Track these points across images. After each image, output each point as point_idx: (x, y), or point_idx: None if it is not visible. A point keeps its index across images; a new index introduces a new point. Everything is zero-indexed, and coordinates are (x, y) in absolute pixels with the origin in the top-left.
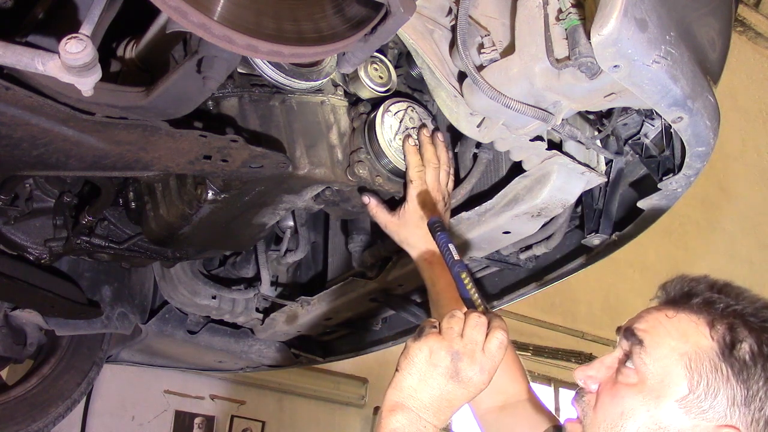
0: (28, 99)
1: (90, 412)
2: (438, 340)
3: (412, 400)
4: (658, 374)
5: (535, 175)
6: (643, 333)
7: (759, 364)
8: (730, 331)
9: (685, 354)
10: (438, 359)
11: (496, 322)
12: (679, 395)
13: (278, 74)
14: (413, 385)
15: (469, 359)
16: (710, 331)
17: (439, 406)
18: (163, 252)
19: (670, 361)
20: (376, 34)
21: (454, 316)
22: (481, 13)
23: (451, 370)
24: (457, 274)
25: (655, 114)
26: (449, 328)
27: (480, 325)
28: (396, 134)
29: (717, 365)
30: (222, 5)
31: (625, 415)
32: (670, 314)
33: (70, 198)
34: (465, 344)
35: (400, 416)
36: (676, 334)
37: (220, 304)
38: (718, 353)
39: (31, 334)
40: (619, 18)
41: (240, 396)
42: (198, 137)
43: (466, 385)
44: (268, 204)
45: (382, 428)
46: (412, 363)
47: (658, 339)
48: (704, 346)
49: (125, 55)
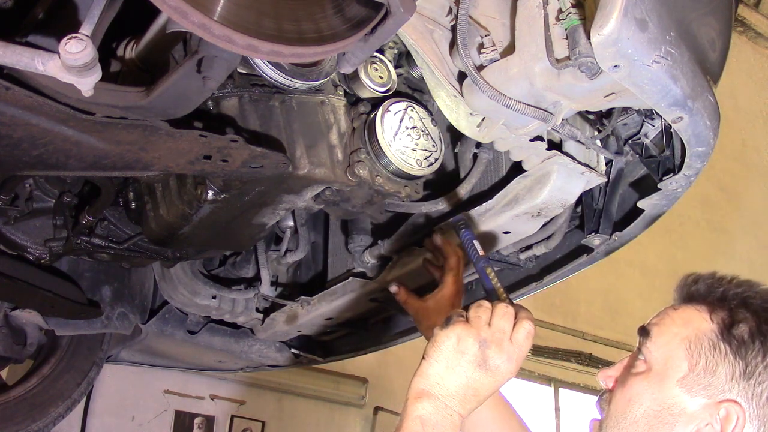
0: (28, 99)
1: (90, 412)
2: (466, 328)
3: (439, 388)
4: (662, 359)
5: (535, 175)
6: (652, 326)
7: (758, 340)
8: (729, 313)
9: (686, 338)
10: (466, 346)
11: (524, 313)
12: (680, 375)
13: (278, 74)
14: (440, 372)
15: (497, 347)
16: (711, 315)
17: (465, 394)
18: (163, 252)
19: (673, 346)
20: (376, 34)
21: (481, 305)
22: (481, 13)
23: (478, 358)
24: (482, 268)
25: (655, 114)
26: (477, 316)
27: (508, 314)
28: (396, 134)
29: (716, 344)
30: (222, 5)
31: (632, 401)
32: (677, 306)
33: (70, 198)
34: (493, 332)
35: (426, 403)
36: (680, 321)
37: (220, 304)
38: (717, 333)
39: (31, 334)
40: (619, 18)
41: (240, 396)
42: (198, 137)
43: (493, 373)
44: (268, 204)
45: (408, 415)
46: (439, 350)
47: (664, 328)
48: (704, 329)
49: (125, 55)
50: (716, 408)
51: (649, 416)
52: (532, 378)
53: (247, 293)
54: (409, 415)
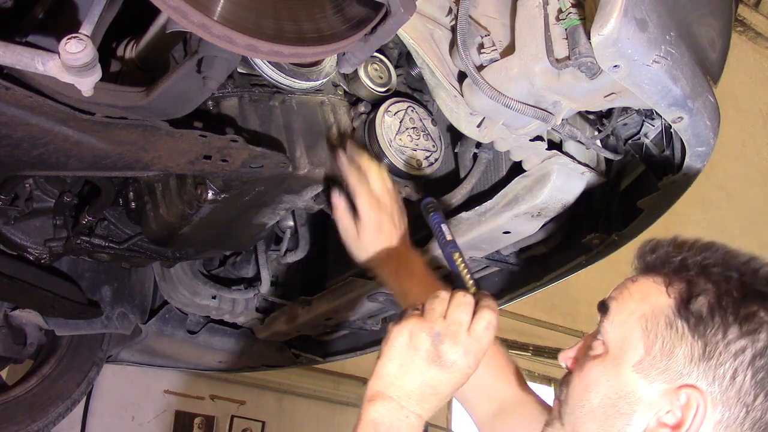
0: (28, 99)
1: (90, 412)
2: (419, 323)
3: (393, 388)
4: (618, 340)
5: (535, 175)
6: (611, 300)
7: (717, 315)
8: (687, 285)
9: (642, 316)
10: (418, 342)
11: (486, 301)
12: (636, 359)
13: (278, 74)
14: (394, 371)
15: (451, 341)
16: (667, 288)
17: (422, 394)
18: (163, 252)
19: (629, 325)
20: (376, 34)
21: (437, 296)
22: (481, 13)
23: (432, 354)
24: (449, 254)
25: (655, 114)
26: (431, 309)
27: (465, 304)
28: (396, 134)
29: (672, 322)
30: (222, 5)
31: (588, 388)
32: (635, 278)
33: (70, 198)
34: (447, 325)
35: (380, 406)
36: (638, 296)
37: (220, 304)
38: (674, 309)
39: (31, 334)
40: (619, 18)
41: (240, 396)
42: (198, 137)
43: (449, 369)
44: (268, 204)
45: (361, 419)
46: (392, 348)
47: (622, 304)
48: (661, 304)
49: (125, 55)
50: (676, 394)
51: (606, 405)
52: (532, 378)
53: (247, 293)
54: (363, 418)
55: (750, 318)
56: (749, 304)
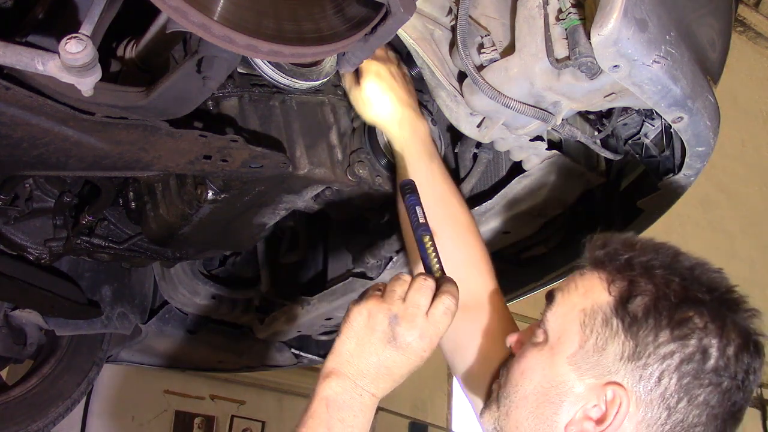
0: (28, 99)
1: (90, 412)
2: (377, 303)
3: (349, 366)
4: (557, 331)
5: (535, 175)
6: (557, 291)
7: (651, 317)
8: (629, 285)
9: (582, 310)
10: (375, 322)
11: (447, 287)
12: (571, 351)
13: (278, 74)
14: (350, 350)
15: (408, 323)
16: (610, 285)
17: (377, 374)
18: (163, 252)
19: (569, 318)
20: (376, 34)
21: (399, 278)
22: (481, 13)
23: (388, 335)
24: (420, 237)
25: (655, 114)
26: (392, 290)
27: (425, 288)
28: None
29: (608, 320)
30: (222, 5)
31: (525, 374)
32: (583, 272)
33: (70, 198)
34: (406, 308)
35: (334, 383)
36: (582, 290)
37: (220, 304)
38: (612, 307)
39: (31, 334)
40: (619, 18)
41: (240, 396)
42: (198, 137)
43: (404, 351)
44: (268, 204)
45: (315, 395)
46: (350, 327)
47: (566, 296)
48: (601, 301)
49: (125, 55)
50: (603, 390)
51: (538, 393)
52: None
53: (247, 293)
54: (317, 395)
55: (683, 323)
56: (685, 309)
